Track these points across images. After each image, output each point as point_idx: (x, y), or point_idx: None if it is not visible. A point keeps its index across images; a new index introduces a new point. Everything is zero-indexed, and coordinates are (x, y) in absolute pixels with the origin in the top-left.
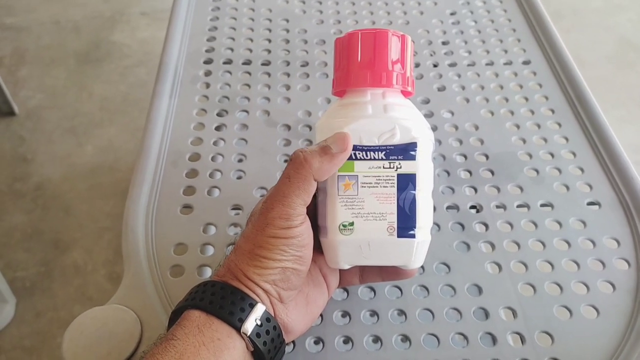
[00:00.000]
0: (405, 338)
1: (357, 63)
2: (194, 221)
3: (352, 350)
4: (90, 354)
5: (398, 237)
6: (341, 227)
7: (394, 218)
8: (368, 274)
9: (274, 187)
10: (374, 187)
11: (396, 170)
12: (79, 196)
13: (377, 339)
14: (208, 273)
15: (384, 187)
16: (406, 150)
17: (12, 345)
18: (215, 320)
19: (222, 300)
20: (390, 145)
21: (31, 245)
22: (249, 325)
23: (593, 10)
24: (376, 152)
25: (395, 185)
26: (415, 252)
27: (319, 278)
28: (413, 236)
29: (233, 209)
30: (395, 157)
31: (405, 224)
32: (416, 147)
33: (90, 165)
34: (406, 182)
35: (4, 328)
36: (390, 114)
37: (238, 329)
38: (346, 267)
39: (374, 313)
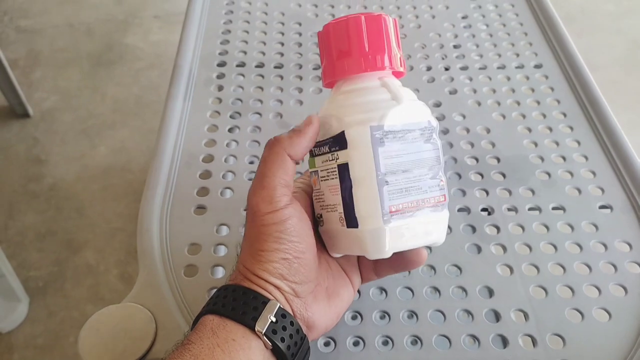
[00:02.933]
0: (417, 339)
1: (328, 59)
2: (207, 221)
3: (364, 350)
4: (105, 351)
5: (347, 227)
6: (317, 219)
7: (341, 209)
8: (380, 267)
9: (256, 173)
10: (326, 180)
11: (336, 161)
12: (92, 197)
13: (388, 340)
14: (221, 273)
15: (332, 179)
16: (340, 140)
17: (25, 344)
18: (229, 322)
19: (235, 302)
20: (329, 137)
21: (44, 246)
22: (263, 323)
23: (604, 14)
24: (324, 146)
25: (337, 176)
26: (367, 241)
27: (339, 272)
28: (356, 226)
29: (246, 209)
30: (336, 148)
31: (349, 214)
32: (344, 135)
33: (103, 167)
34: (344, 172)
35: (18, 327)
36: (332, 105)
37: (252, 328)
38: (335, 255)
39: (385, 314)
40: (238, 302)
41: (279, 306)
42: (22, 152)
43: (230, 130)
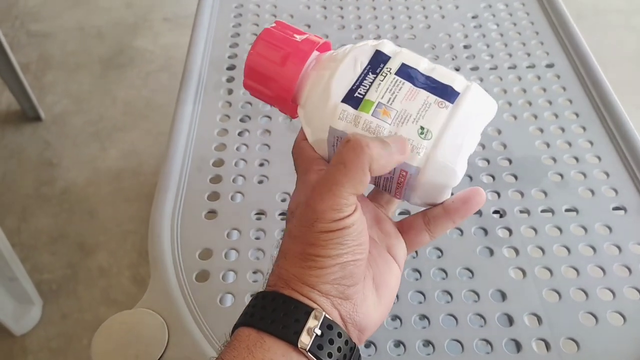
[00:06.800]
0: (428, 343)
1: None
2: (218, 226)
3: (375, 354)
4: (118, 357)
5: None
6: None
7: None
8: (436, 220)
9: (324, 174)
10: None
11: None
12: (104, 200)
13: (399, 344)
14: (232, 278)
15: None
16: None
17: (39, 347)
18: (268, 337)
19: (274, 313)
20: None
21: (57, 248)
22: (307, 338)
23: (615, 11)
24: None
25: None
26: None
27: (382, 253)
28: None
29: (257, 214)
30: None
31: None
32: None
33: (115, 169)
34: None
35: (31, 330)
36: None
37: (295, 344)
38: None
39: (396, 318)
40: (277, 313)
41: (325, 316)
42: (34, 156)
43: (240, 134)
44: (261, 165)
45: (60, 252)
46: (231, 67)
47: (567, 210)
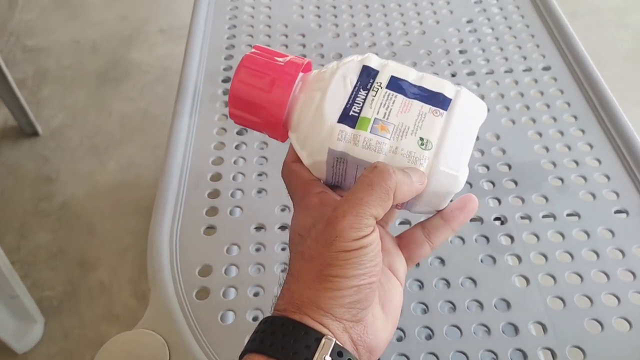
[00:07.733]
0: (433, 355)
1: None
2: (217, 242)
3: None
4: None
5: None
6: None
7: None
8: (436, 232)
9: (348, 195)
10: None
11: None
12: (102, 214)
13: (404, 357)
14: (232, 294)
15: None
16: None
17: None
18: None
19: (284, 339)
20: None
21: (57, 264)
22: None
23: (611, 9)
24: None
25: None
26: None
27: (385, 271)
28: None
29: (256, 227)
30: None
31: None
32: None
33: (113, 183)
34: None
35: (33, 347)
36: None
37: None
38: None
39: (400, 330)
40: (288, 340)
41: (335, 343)
42: (32, 171)
43: (237, 147)
44: (259, 175)
45: (60, 268)
46: (226, 80)
47: (568, 215)
